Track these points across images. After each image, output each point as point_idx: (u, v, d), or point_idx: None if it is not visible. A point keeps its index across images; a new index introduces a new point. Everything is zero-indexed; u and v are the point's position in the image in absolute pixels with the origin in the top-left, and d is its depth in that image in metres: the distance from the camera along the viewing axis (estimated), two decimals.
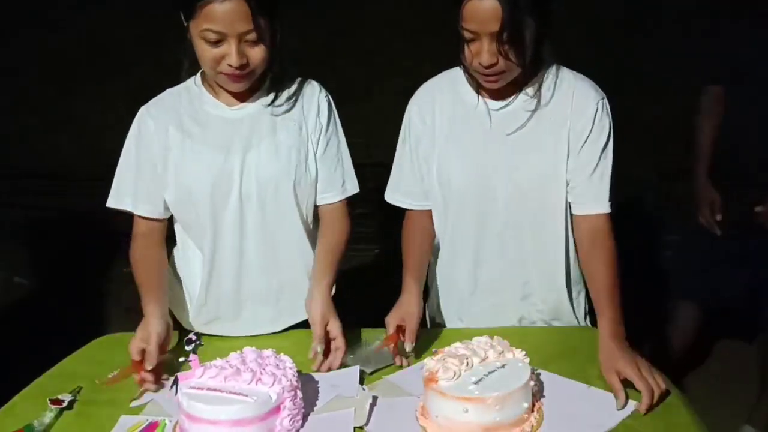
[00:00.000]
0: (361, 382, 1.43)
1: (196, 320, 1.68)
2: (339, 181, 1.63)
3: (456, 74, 1.60)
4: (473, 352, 1.29)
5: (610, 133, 1.54)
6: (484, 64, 1.42)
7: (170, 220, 1.64)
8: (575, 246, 1.61)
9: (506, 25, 1.35)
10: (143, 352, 1.41)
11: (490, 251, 1.62)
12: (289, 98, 1.57)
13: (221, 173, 1.52)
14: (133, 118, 1.59)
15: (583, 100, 1.52)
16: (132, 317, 3.47)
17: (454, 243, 1.66)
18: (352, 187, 1.65)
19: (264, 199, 1.54)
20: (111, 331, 3.25)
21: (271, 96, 1.55)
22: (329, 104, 1.62)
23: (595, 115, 1.51)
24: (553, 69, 1.54)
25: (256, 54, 1.42)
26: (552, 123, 1.53)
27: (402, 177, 1.69)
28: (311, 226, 1.64)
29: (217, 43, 1.38)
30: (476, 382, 1.20)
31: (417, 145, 1.64)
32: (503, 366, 1.26)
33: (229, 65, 1.40)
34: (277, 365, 1.28)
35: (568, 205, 1.58)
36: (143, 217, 1.59)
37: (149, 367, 1.40)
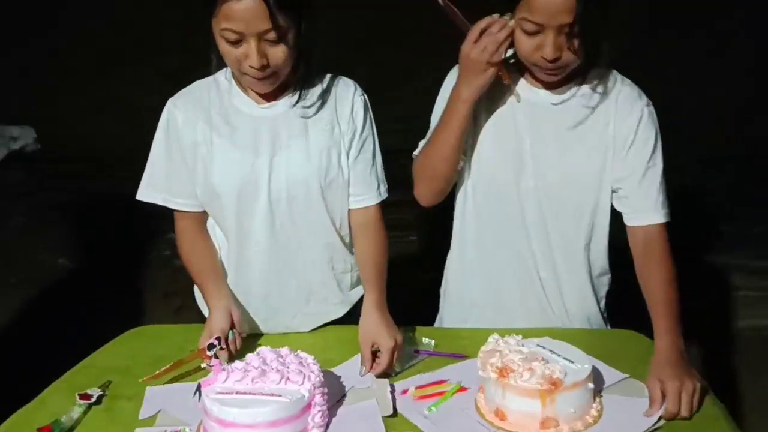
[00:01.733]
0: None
1: None
2: (374, 184, 1.57)
3: None
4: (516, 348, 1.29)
5: (656, 140, 1.49)
6: (548, 58, 1.37)
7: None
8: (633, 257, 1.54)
9: (579, 18, 1.31)
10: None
11: (515, 240, 1.58)
12: (320, 98, 1.51)
13: (250, 174, 1.49)
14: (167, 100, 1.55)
15: (628, 105, 1.48)
16: (170, 302, 3.54)
17: (479, 231, 1.62)
18: (385, 191, 1.60)
19: (293, 201, 1.51)
20: (151, 315, 3.34)
21: (300, 95, 1.50)
22: (364, 104, 1.56)
23: (639, 123, 1.48)
24: (602, 70, 1.49)
25: (277, 54, 1.36)
26: (594, 123, 1.49)
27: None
28: (342, 230, 1.60)
29: (237, 43, 1.35)
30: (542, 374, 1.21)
31: None
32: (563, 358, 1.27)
33: (250, 66, 1.36)
34: (300, 362, 1.27)
35: (601, 210, 1.54)
36: (179, 211, 1.58)
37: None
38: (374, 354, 1.44)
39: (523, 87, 1.52)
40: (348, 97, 1.54)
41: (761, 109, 5.06)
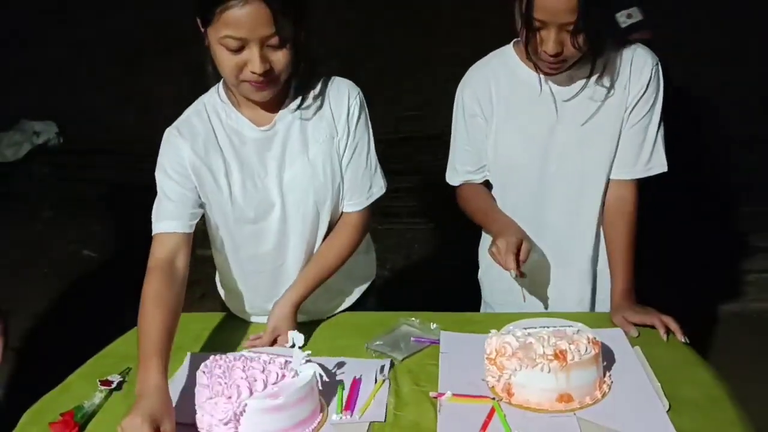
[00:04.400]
0: (391, 367, 1.43)
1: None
2: (365, 188, 1.57)
3: (507, 55, 1.60)
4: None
5: (656, 99, 1.56)
6: (549, 53, 1.41)
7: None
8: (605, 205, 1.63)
9: (581, 18, 1.34)
10: None
11: (549, 226, 1.65)
12: (316, 99, 1.49)
13: (261, 197, 1.49)
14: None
15: (640, 65, 1.54)
16: (193, 290, 3.58)
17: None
18: (378, 190, 1.60)
19: (305, 215, 1.52)
20: None
21: (298, 100, 1.47)
22: (360, 104, 1.54)
23: (649, 81, 1.54)
24: (609, 44, 1.51)
25: (280, 58, 1.34)
26: (616, 102, 1.54)
27: (456, 157, 1.71)
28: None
29: (238, 50, 1.31)
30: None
31: (473, 127, 1.65)
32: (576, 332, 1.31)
33: (253, 72, 1.32)
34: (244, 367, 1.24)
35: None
36: (159, 234, 1.49)
37: None
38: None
39: (535, 79, 1.55)
40: (343, 99, 1.52)
41: None
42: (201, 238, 1.64)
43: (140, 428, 1.11)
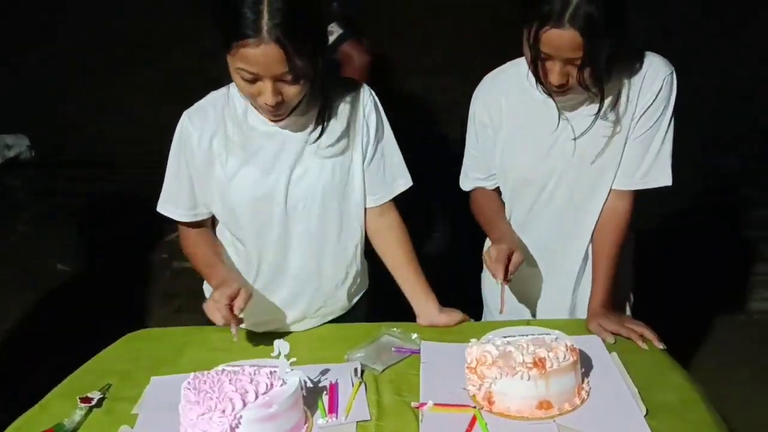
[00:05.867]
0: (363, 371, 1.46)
1: None
2: (390, 181, 1.62)
3: (521, 67, 1.60)
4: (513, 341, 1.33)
5: (664, 111, 1.53)
6: (554, 84, 1.43)
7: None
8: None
9: (586, 56, 1.35)
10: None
11: (545, 236, 1.68)
12: (333, 105, 1.51)
13: (266, 191, 1.50)
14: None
15: (653, 74, 1.52)
16: (171, 302, 3.56)
17: (516, 226, 1.72)
18: (404, 183, 1.64)
19: (309, 212, 1.53)
20: (151, 316, 3.37)
21: (322, 130, 1.49)
22: (375, 105, 1.57)
23: (660, 91, 1.52)
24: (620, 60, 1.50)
25: (293, 91, 1.36)
26: (623, 115, 1.54)
27: (467, 164, 1.76)
28: (357, 236, 1.63)
29: (252, 81, 1.33)
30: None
31: (482, 137, 1.69)
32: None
33: (265, 103, 1.35)
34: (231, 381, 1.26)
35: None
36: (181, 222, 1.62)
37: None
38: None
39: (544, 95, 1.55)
40: (359, 102, 1.54)
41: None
42: (177, 251, 1.64)
43: (219, 300, 1.40)
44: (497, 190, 1.76)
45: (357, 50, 3.04)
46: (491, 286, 1.83)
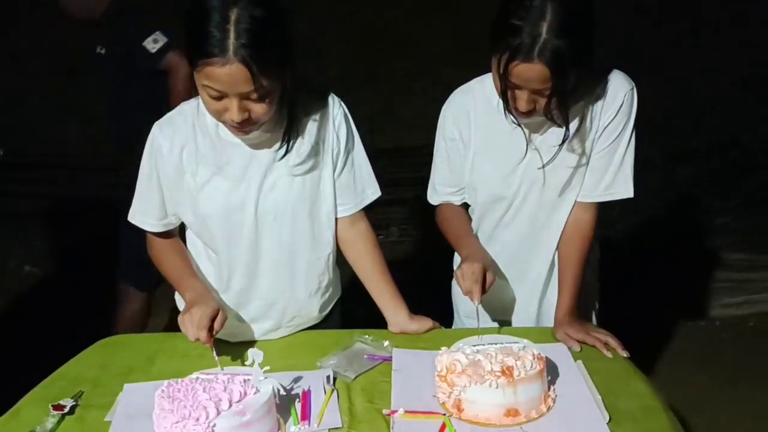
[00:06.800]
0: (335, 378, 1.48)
1: None
2: (360, 191, 1.64)
3: (487, 83, 1.61)
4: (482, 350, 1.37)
5: (625, 127, 1.57)
6: (521, 110, 1.46)
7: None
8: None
9: (554, 87, 1.38)
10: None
11: (512, 247, 1.72)
12: (302, 122, 1.52)
13: (237, 201, 1.51)
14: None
15: (613, 92, 1.55)
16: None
17: (484, 237, 1.76)
18: (373, 193, 1.67)
19: (280, 223, 1.55)
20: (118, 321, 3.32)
21: (288, 147, 1.50)
22: (345, 116, 1.58)
23: (620, 108, 1.55)
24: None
25: (260, 109, 1.36)
26: (587, 132, 1.57)
27: (436, 178, 1.77)
28: (328, 246, 1.65)
29: (218, 98, 1.34)
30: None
31: (452, 151, 1.70)
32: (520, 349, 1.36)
33: (231, 119, 1.36)
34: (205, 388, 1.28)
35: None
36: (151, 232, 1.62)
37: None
38: None
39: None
40: (328, 114, 1.56)
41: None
42: None
43: (199, 321, 1.40)
44: (464, 205, 1.79)
45: (183, 59, 2.75)
46: (461, 294, 1.86)
